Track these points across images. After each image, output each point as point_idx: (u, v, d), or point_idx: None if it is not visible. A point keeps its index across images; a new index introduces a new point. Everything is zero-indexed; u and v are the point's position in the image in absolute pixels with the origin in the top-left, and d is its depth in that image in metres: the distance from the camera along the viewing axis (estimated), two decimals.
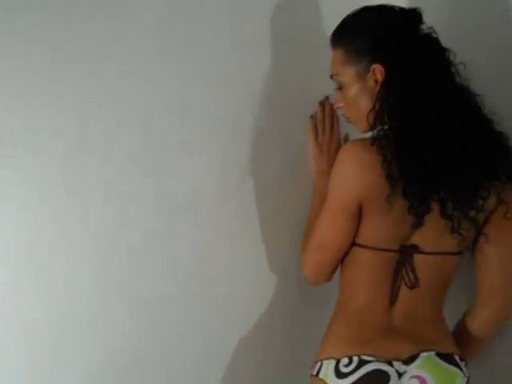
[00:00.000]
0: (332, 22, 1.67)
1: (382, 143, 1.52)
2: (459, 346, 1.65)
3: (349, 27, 1.64)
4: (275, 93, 1.82)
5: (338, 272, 1.67)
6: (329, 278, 1.67)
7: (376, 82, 1.58)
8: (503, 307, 1.65)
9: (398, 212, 1.54)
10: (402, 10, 1.62)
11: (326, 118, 1.83)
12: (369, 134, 1.60)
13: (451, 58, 1.59)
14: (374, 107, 1.57)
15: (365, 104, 1.61)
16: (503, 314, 1.67)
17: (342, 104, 1.68)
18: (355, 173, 1.56)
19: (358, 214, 1.57)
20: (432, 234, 1.59)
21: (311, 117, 1.83)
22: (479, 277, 1.65)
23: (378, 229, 1.60)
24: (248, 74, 1.78)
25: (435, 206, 1.53)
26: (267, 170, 1.83)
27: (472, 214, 1.53)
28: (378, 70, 1.57)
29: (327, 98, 1.83)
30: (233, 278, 1.80)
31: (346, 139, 1.84)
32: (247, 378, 1.83)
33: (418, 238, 1.60)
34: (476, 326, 1.69)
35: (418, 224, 1.54)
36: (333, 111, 1.83)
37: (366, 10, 1.63)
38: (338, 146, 1.82)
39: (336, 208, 1.60)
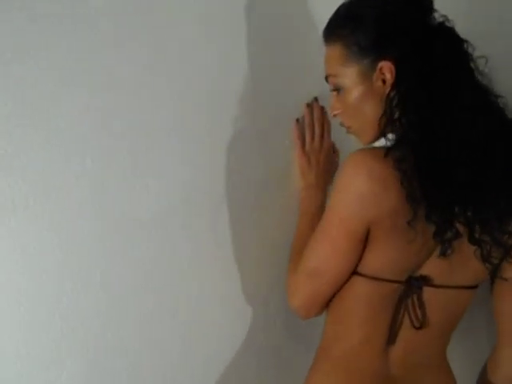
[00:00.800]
0: (324, 13, 1.43)
1: (398, 155, 1.27)
2: None
3: (347, 17, 1.39)
4: (257, 94, 1.58)
5: None
6: (321, 310, 1.44)
7: (384, 82, 1.34)
8: None
9: (415, 237, 1.31)
10: None
11: (315, 123, 1.58)
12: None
13: (470, 51, 1.36)
14: (385, 112, 1.33)
15: (371, 110, 1.37)
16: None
17: (340, 111, 1.43)
18: (367, 189, 1.30)
19: (365, 239, 1.33)
20: (445, 264, 1.36)
21: (297, 121, 1.58)
22: (503, 316, 1.43)
23: (387, 256, 1.36)
24: (228, 72, 1.55)
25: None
26: (246, 182, 1.58)
27: (504, 238, 1.30)
28: (386, 68, 1.33)
29: (316, 99, 1.59)
30: (203, 309, 1.55)
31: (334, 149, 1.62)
32: None
33: (428, 268, 1.37)
34: (499, 377, 1.46)
35: (445, 252, 1.30)
36: (323, 115, 1.59)
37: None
38: (329, 156, 1.59)
39: (338, 230, 1.35)
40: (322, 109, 1.59)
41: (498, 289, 1.41)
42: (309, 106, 1.59)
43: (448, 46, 1.34)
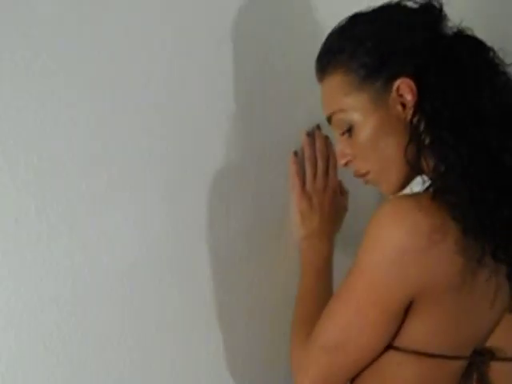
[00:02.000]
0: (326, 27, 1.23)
1: (452, 199, 1.06)
2: None
3: (341, 42, 1.20)
4: (248, 119, 1.34)
5: None
6: None
7: (403, 105, 1.13)
8: None
9: (477, 298, 1.12)
10: (411, 5, 1.19)
11: (317, 157, 1.35)
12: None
13: (496, 60, 1.17)
14: (411, 141, 1.12)
15: (392, 144, 1.17)
16: None
17: (351, 156, 1.22)
18: (416, 251, 1.08)
19: (404, 311, 1.10)
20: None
21: (295, 154, 1.34)
22: None
23: (442, 327, 1.15)
24: (214, 92, 1.31)
25: None
26: (233, 234, 1.34)
27: None
28: (405, 87, 1.13)
29: (318, 126, 1.35)
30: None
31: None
32: None
33: (495, 339, 1.19)
34: None
35: None
36: (327, 146, 1.36)
37: (357, 16, 1.21)
38: (335, 198, 1.36)
39: (369, 301, 1.12)
40: (326, 139, 1.36)
41: None
42: (309, 135, 1.36)
43: (472, 53, 1.16)
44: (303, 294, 1.33)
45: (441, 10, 1.20)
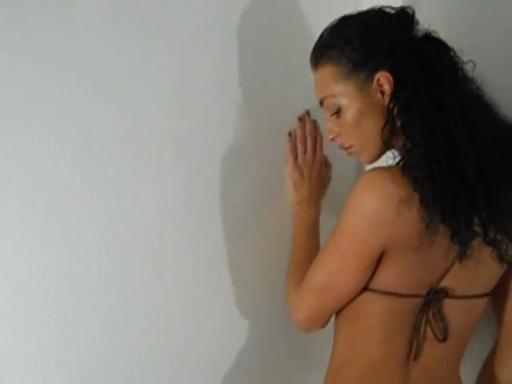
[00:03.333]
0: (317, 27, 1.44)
1: (415, 172, 1.26)
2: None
3: (333, 39, 1.40)
4: (250, 109, 1.56)
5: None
6: (325, 324, 1.41)
7: (382, 93, 1.34)
8: None
9: (434, 250, 1.31)
10: (389, 11, 1.39)
11: (307, 137, 1.57)
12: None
13: (456, 58, 1.38)
14: (386, 123, 1.32)
15: (371, 124, 1.36)
16: None
17: (337, 133, 1.42)
18: (387, 213, 1.28)
19: (378, 258, 1.31)
20: (463, 274, 1.36)
21: (289, 135, 1.56)
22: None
23: (406, 272, 1.34)
24: (222, 85, 1.52)
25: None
26: (240, 197, 1.56)
27: None
28: (384, 79, 1.32)
29: (308, 112, 1.58)
30: (198, 326, 1.52)
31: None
32: None
33: (448, 281, 1.37)
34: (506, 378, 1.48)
35: (464, 253, 1.29)
36: (315, 128, 1.58)
37: (346, 18, 1.41)
38: (322, 170, 1.58)
39: (350, 252, 1.33)
40: (314, 122, 1.58)
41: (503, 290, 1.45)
42: (300, 119, 1.57)
43: (438, 52, 1.36)
44: (296, 248, 1.53)
45: (413, 16, 1.38)
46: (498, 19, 1.60)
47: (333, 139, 1.43)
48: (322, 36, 1.41)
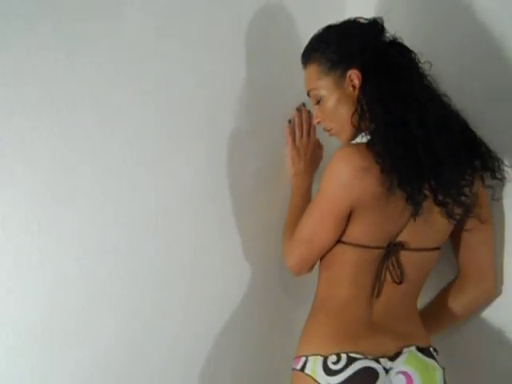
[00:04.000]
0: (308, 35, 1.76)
1: (377, 148, 1.57)
2: (426, 320, 1.76)
3: (317, 44, 1.71)
4: (256, 99, 1.92)
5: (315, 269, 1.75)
6: (311, 269, 1.73)
7: (353, 87, 1.64)
8: (493, 288, 1.78)
9: (391, 210, 1.60)
10: (363, 21, 1.70)
11: (303, 123, 1.92)
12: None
13: (416, 59, 1.67)
14: (356, 110, 1.63)
15: (345, 111, 1.66)
16: (491, 295, 1.79)
17: (320, 118, 1.73)
18: (350, 177, 1.58)
19: (348, 216, 1.62)
20: (416, 231, 1.65)
21: (289, 122, 1.91)
22: (472, 258, 1.77)
23: (370, 228, 1.64)
24: (233, 83, 1.87)
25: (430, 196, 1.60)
26: (248, 170, 1.91)
27: (462, 199, 1.62)
28: (354, 76, 1.63)
29: (303, 104, 1.92)
30: (217, 273, 1.87)
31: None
32: (230, 366, 1.92)
33: (404, 236, 1.66)
34: (462, 301, 1.80)
35: (416, 213, 1.58)
36: (310, 117, 1.91)
37: (329, 27, 1.71)
38: (315, 150, 1.92)
39: (327, 210, 1.63)
40: (309, 112, 1.92)
41: (461, 234, 1.75)
42: (298, 110, 1.93)
43: (400, 54, 1.65)
44: (291, 209, 1.85)
45: (382, 25, 1.68)
46: (451, 28, 1.88)
47: (318, 123, 1.75)
48: (309, 41, 1.73)
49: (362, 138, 1.70)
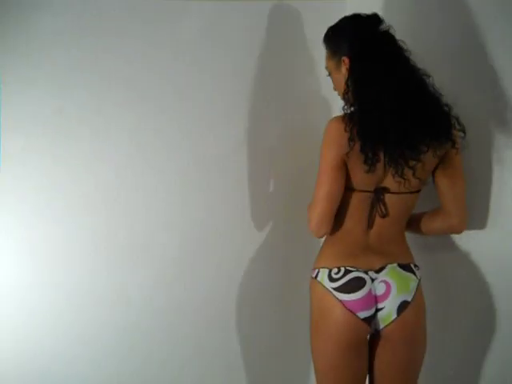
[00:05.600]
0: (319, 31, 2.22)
1: (352, 116, 1.98)
2: (411, 222, 2.18)
3: (329, 33, 2.17)
4: (275, 84, 2.48)
5: None
6: (329, 227, 2.09)
7: (346, 69, 2.06)
8: (456, 225, 2.18)
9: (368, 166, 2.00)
10: (364, 16, 2.09)
11: None
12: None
13: (403, 46, 2.03)
14: (345, 87, 2.06)
15: (342, 85, 2.09)
16: (453, 231, 2.21)
17: (333, 83, 2.17)
18: (335, 138, 1.99)
19: (344, 168, 2.02)
20: (395, 180, 2.03)
21: None
22: (446, 206, 2.16)
23: (360, 177, 2.03)
24: (259, 76, 2.42)
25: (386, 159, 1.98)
26: (259, 153, 2.46)
27: (412, 164, 1.97)
28: (345, 62, 2.07)
29: None
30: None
31: None
32: (260, 277, 2.48)
33: (387, 182, 2.05)
34: (431, 227, 2.21)
35: (370, 170, 1.97)
36: None
37: (342, 20, 2.16)
38: None
39: (329, 168, 2.02)
40: None
41: (437, 182, 2.12)
42: None
43: (389, 43, 2.02)
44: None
45: (378, 17, 2.04)
46: (431, 24, 2.28)
47: (335, 89, 2.18)
48: (328, 28, 2.17)
49: (351, 108, 2.06)
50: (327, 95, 2.49)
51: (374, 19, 2.08)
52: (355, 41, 2.04)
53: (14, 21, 2.00)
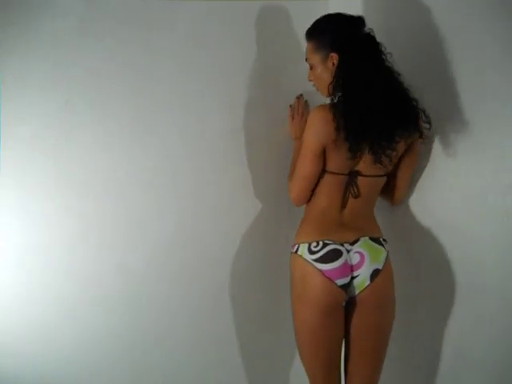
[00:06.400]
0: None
1: (337, 107, 2.19)
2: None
3: (316, 28, 2.32)
4: (267, 85, 2.72)
5: None
6: (307, 199, 2.35)
7: (333, 65, 2.24)
8: (398, 198, 2.51)
9: (346, 151, 2.22)
10: (350, 16, 2.28)
11: (300, 107, 2.67)
12: (329, 100, 2.33)
13: (383, 49, 2.24)
14: (332, 81, 2.25)
15: (326, 79, 2.28)
16: (396, 202, 2.52)
17: (312, 78, 2.34)
18: (320, 127, 2.20)
19: (323, 154, 2.24)
20: (367, 164, 2.28)
21: (290, 106, 2.69)
22: (398, 184, 2.45)
23: (336, 161, 2.26)
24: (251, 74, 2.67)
25: (367, 147, 2.21)
26: (258, 137, 2.71)
27: (389, 152, 2.23)
28: (334, 57, 2.25)
29: (301, 94, 2.69)
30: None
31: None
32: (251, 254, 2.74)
33: (360, 167, 2.29)
34: (384, 195, 2.49)
35: (353, 157, 2.22)
36: (305, 104, 2.66)
37: (327, 16, 2.33)
38: (305, 122, 2.43)
39: (310, 152, 2.25)
40: (306, 102, 2.67)
41: (398, 171, 2.40)
42: (297, 98, 2.68)
43: (371, 45, 2.22)
44: (293, 159, 2.50)
45: (360, 19, 2.24)
46: (408, 26, 2.48)
47: (310, 80, 2.38)
48: (312, 24, 2.33)
49: (333, 100, 2.27)
50: (311, 87, 2.60)
51: (360, 20, 2.27)
52: (345, 38, 2.21)
53: (14, 21, 2.09)
